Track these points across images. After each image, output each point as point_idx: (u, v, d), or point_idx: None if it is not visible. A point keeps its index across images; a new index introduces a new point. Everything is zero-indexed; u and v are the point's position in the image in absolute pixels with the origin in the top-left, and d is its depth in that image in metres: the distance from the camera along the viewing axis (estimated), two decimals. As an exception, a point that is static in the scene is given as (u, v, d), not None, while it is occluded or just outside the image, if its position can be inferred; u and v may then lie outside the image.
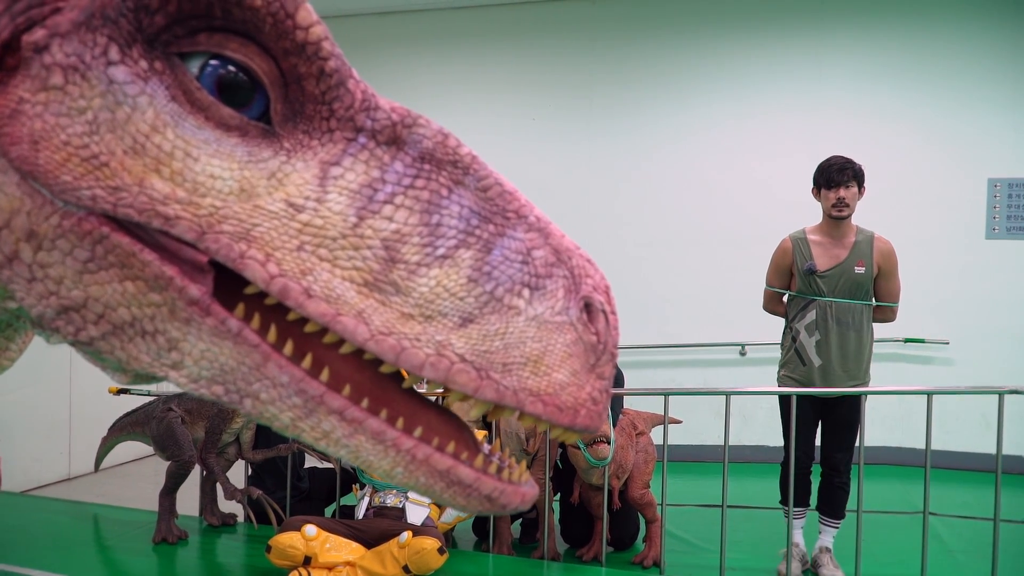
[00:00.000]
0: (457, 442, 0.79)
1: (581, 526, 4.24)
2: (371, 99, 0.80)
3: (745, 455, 6.29)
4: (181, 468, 3.88)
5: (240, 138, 0.77)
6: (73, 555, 3.72)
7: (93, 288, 0.75)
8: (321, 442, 0.77)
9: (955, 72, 6.55)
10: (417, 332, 0.74)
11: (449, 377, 0.74)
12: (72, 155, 0.73)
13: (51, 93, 0.74)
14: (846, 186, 3.85)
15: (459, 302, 0.75)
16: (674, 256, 7.00)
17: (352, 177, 0.77)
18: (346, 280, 0.74)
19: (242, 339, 0.75)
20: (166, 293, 0.74)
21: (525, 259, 0.78)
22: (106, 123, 0.74)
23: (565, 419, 0.76)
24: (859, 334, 3.90)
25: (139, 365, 0.78)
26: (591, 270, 0.80)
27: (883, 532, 4.55)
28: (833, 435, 3.98)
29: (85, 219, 0.74)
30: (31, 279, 0.76)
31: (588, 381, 0.78)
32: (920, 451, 3.72)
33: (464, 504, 0.78)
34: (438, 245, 0.76)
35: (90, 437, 4.87)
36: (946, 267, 6.51)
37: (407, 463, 0.76)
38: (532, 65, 7.37)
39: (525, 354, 0.75)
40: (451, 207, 0.78)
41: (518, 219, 0.80)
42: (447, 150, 0.80)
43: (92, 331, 0.77)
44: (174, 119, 0.75)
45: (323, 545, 3.24)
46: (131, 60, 0.74)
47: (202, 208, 0.74)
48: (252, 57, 0.77)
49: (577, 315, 0.78)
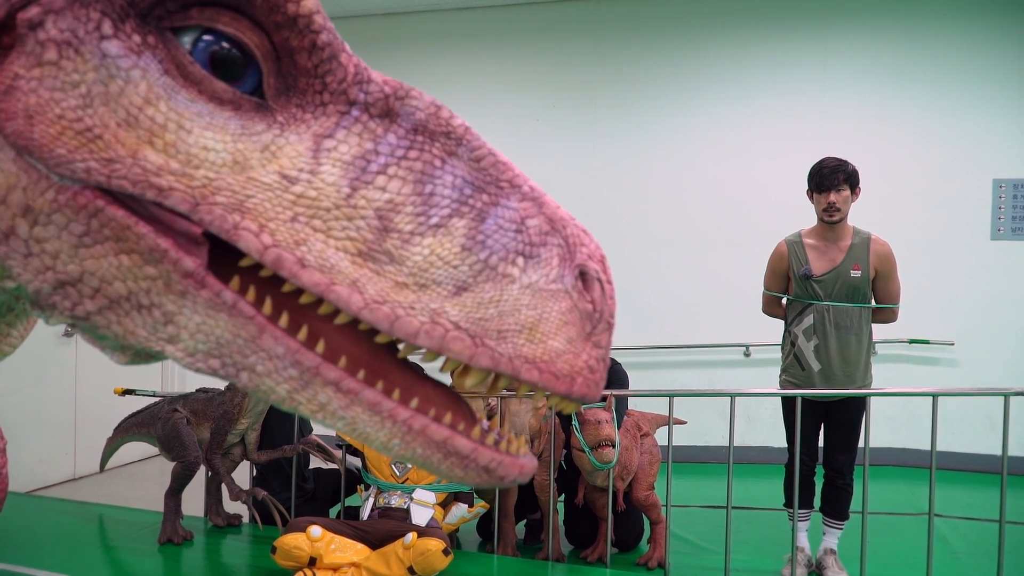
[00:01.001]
0: (454, 413, 0.79)
1: (585, 527, 4.23)
2: (364, 72, 0.81)
3: (750, 456, 6.28)
4: (186, 469, 3.89)
5: (233, 111, 0.77)
6: (78, 555, 3.73)
7: (89, 262, 0.76)
8: (318, 414, 0.77)
9: (960, 72, 6.54)
10: (411, 300, 0.74)
11: (444, 345, 0.74)
12: (66, 128, 0.74)
13: (45, 68, 0.74)
14: (837, 190, 3.81)
15: (453, 270, 0.75)
16: (678, 257, 7.00)
17: (345, 149, 0.78)
18: (340, 250, 0.75)
19: (237, 311, 0.75)
20: (161, 266, 0.75)
21: (519, 228, 0.78)
22: (99, 96, 0.74)
23: (561, 387, 0.76)
24: (858, 338, 3.87)
25: (135, 339, 0.78)
26: (586, 239, 0.81)
27: (888, 534, 4.53)
28: (835, 437, 3.96)
29: (80, 193, 0.74)
30: (28, 254, 0.76)
31: (584, 349, 0.77)
32: (925, 452, 3.71)
33: (462, 476, 0.78)
34: (431, 214, 0.76)
35: (95, 438, 4.89)
36: (951, 268, 6.49)
37: (404, 434, 0.76)
38: (535, 66, 7.38)
39: (520, 321, 0.75)
40: (444, 177, 0.78)
41: (512, 189, 0.80)
42: (440, 121, 0.81)
43: (88, 305, 0.77)
44: (167, 92, 0.75)
45: (328, 546, 3.25)
46: (124, 34, 0.75)
47: (195, 180, 0.74)
48: (244, 31, 0.77)
49: (572, 283, 0.78)
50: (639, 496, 4.03)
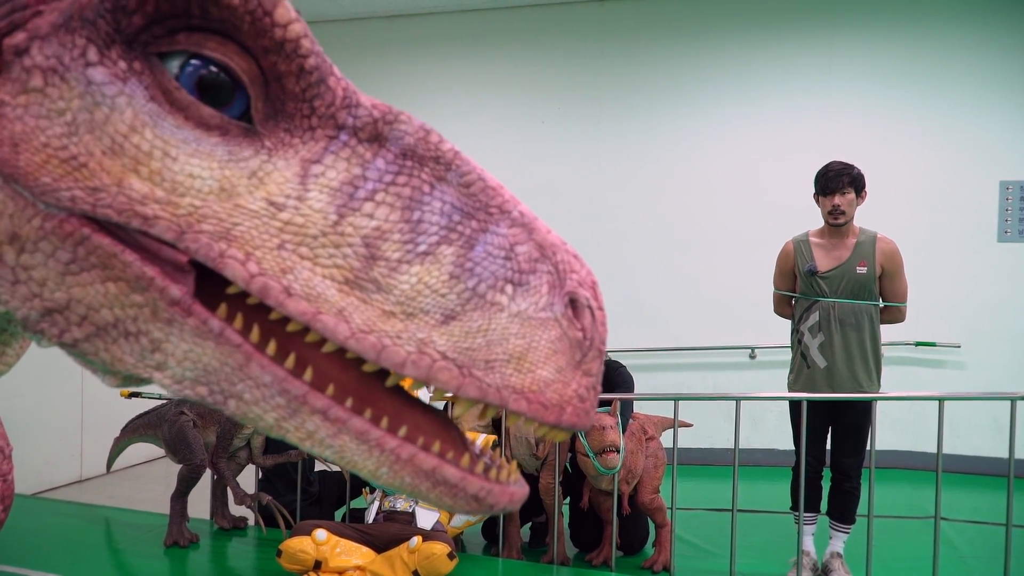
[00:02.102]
0: (443, 441, 0.78)
1: (591, 530, 4.23)
2: (352, 96, 0.80)
3: (755, 459, 6.26)
4: (192, 472, 3.90)
5: (221, 137, 0.77)
6: (84, 558, 3.75)
7: (76, 290, 0.75)
8: (306, 443, 0.77)
9: (967, 74, 6.50)
10: (398, 330, 0.74)
11: (431, 375, 0.73)
12: (51, 156, 0.73)
13: (31, 95, 0.74)
14: (841, 193, 3.81)
15: (441, 299, 0.75)
16: (683, 259, 6.98)
17: (333, 175, 0.77)
18: (327, 278, 0.74)
19: (224, 339, 0.75)
20: (147, 294, 0.74)
21: (508, 255, 0.77)
22: (85, 124, 0.74)
23: (550, 417, 0.75)
24: (863, 335, 3.86)
25: (123, 366, 0.78)
26: (576, 265, 0.80)
27: (894, 537, 4.51)
28: (842, 440, 3.95)
29: (66, 220, 0.74)
30: (15, 281, 0.76)
31: (574, 378, 0.77)
32: (931, 455, 3.69)
33: (451, 504, 0.77)
34: (419, 242, 0.76)
35: (102, 440, 4.91)
36: (958, 270, 6.46)
37: (391, 463, 0.76)
38: (540, 68, 7.38)
39: (508, 351, 0.74)
40: (433, 203, 0.77)
41: (501, 215, 0.79)
42: (429, 146, 0.80)
43: (76, 333, 0.77)
44: (153, 119, 0.75)
45: (333, 549, 3.25)
46: (110, 61, 0.75)
47: (181, 208, 0.74)
48: (231, 56, 0.76)
49: (562, 311, 0.77)
50: (644, 499, 4.03)
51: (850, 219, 3.86)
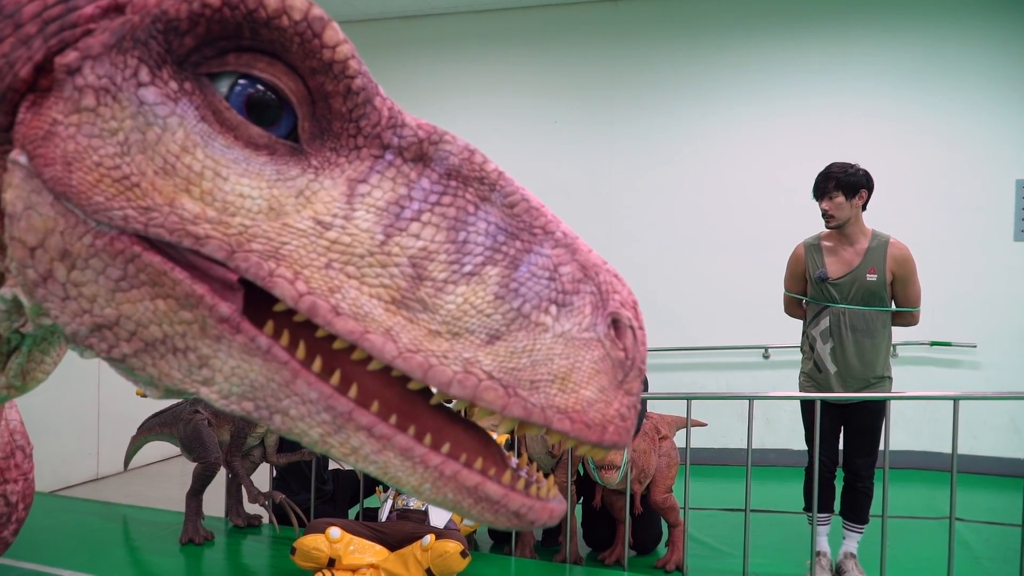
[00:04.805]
0: (485, 458, 0.79)
1: (603, 530, 4.23)
2: (397, 116, 0.81)
3: (768, 459, 6.25)
4: (207, 470, 3.92)
5: (268, 157, 0.78)
6: (101, 555, 3.78)
7: (125, 306, 0.76)
8: (350, 458, 0.77)
9: (982, 74, 6.47)
10: (444, 349, 0.74)
11: (477, 395, 0.74)
12: (104, 176, 0.74)
13: (83, 115, 0.75)
14: (829, 197, 3.80)
15: (486, 319, 0.75)
16: (697, 259, 6.97)
17: (379, 194, 0.78)
18: (374, 297, 0.75)
19: (271, 356, 0.76)
20: (197, 311, 0.75)
21: (552, 275, 0.78)
22: (137, 144, 0.75)
23: (593, 436, 0.76)
24: (875, 341, 3.84)
25: (170, 382, 0.79)
26: (618, 286, 0.80)
27: (909, 538, 4.50)
28: (854, 440, 3.94)
29: (117, 238, 0.75)
30: (65, 297, 0.77)
31: (616, 398, 0.77)
32: (946, 455, 3.68)
33: (492, 520, 0.78)
34: (465, 262, 0.76)
35: (118, 438, 4.94)
36: (973, 270, 6.43)
37: (435, 479, 0.77)
38: (553, 68, 7.37)
39: (552, 371, 0.75)
40: (478, 224, 0.78)
41: (545, 235, 0.80)
42: (473, 166, 0.81)
43: (124, 348, 0.78)
44: (203, 139, 0.76)
45: (347, 547, 3.27)
46: (161, 81, 0.76)
47: (232, 227, 0.75)
48: (280, 76, 0.78)
49: (605, 331, 0.77)
50: (657, 499, 4.03)
51: (842, 221, 3.82)
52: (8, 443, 2.51)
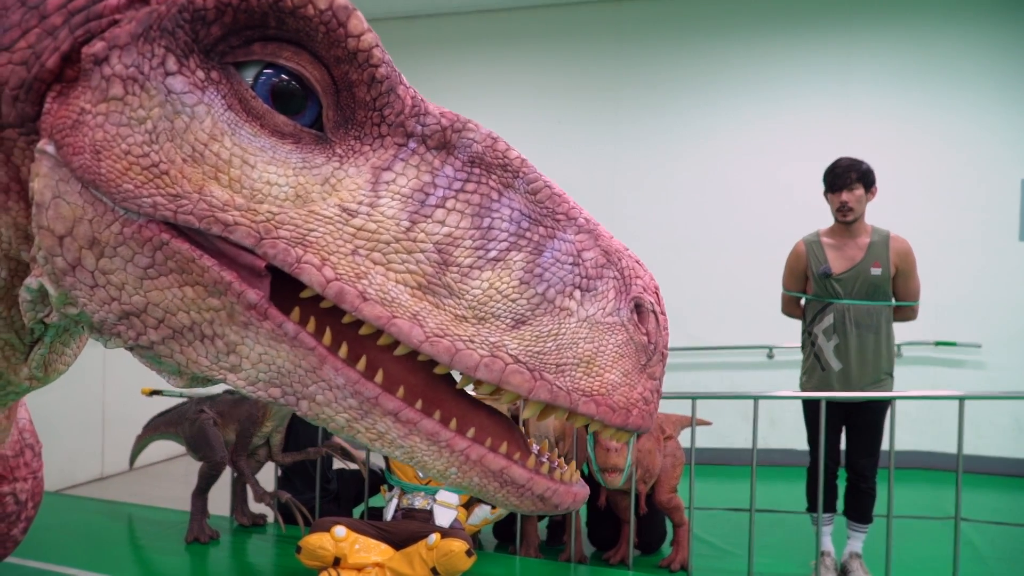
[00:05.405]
0: (509, 443, 0.80)
1: (608, 529, 4.23)
2: (421, 105, 0.82)
3: (773, 458, 6.24)
4: (213, 469, 3.92)
5: (294, 145, 0.78)
6: (107, 553, 3.78)
7: (153, 294, 0.77)
8: (376, 443, 0.78)
9: (986, 74, 6.46)
10: (471, 334, 0.75)
11: (503, 378, 0.75)
12: (133, 164, 0.75)
13: (111, 104, 0.76)
14: (850, 189, 3.78)
15: (511, 304, 0.76)
16: (700, 258, 6.98)
17: (404, 182, 0.78)
18: (400, 283, 0.76)
19: (299, 342, 0.77)
20: (224, 298, 0.76)
21: (576, 261, 0.79)
22: (165, 132, 0.76)
23: (617, 419, 0.77)
24: (878, 336, 3.84)
25: (198, 368, 0.79)
26: (640, 271, 0.81)
27: (914, 538, 4.50)
28: (857, 440, 3.94)
29: (145, 226, 0.76)
30: (94, 285, 0.78)
31: (640, 381, 0.78)
32: (951, 455, 3.67)
33: (517, 504, 0.79)
34: (490, 248, 0.77)
35: (123, 437, 4.94)
36: (978, 269, 6.42)
37: (461, 463, 0.77)
38: (557, 68, 7.38)
39: (578, 355, 0.76)
40: (501, 210, 0.79)
41: (568, 221, 0.81)
42: (496, 154, 0.81)
43: (152, 335, 0.79)
44: (231, 127, 0.77)
45: (352, 546, 3.26)
46: (188, 70, 0.76)
47: (259, 214, 0.76)
48: (305, 65, 0.78)
49: (628, 316, 0.78)
50: (662, 498, 4.03)
51: (859, 216, 3.83)
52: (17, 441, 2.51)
